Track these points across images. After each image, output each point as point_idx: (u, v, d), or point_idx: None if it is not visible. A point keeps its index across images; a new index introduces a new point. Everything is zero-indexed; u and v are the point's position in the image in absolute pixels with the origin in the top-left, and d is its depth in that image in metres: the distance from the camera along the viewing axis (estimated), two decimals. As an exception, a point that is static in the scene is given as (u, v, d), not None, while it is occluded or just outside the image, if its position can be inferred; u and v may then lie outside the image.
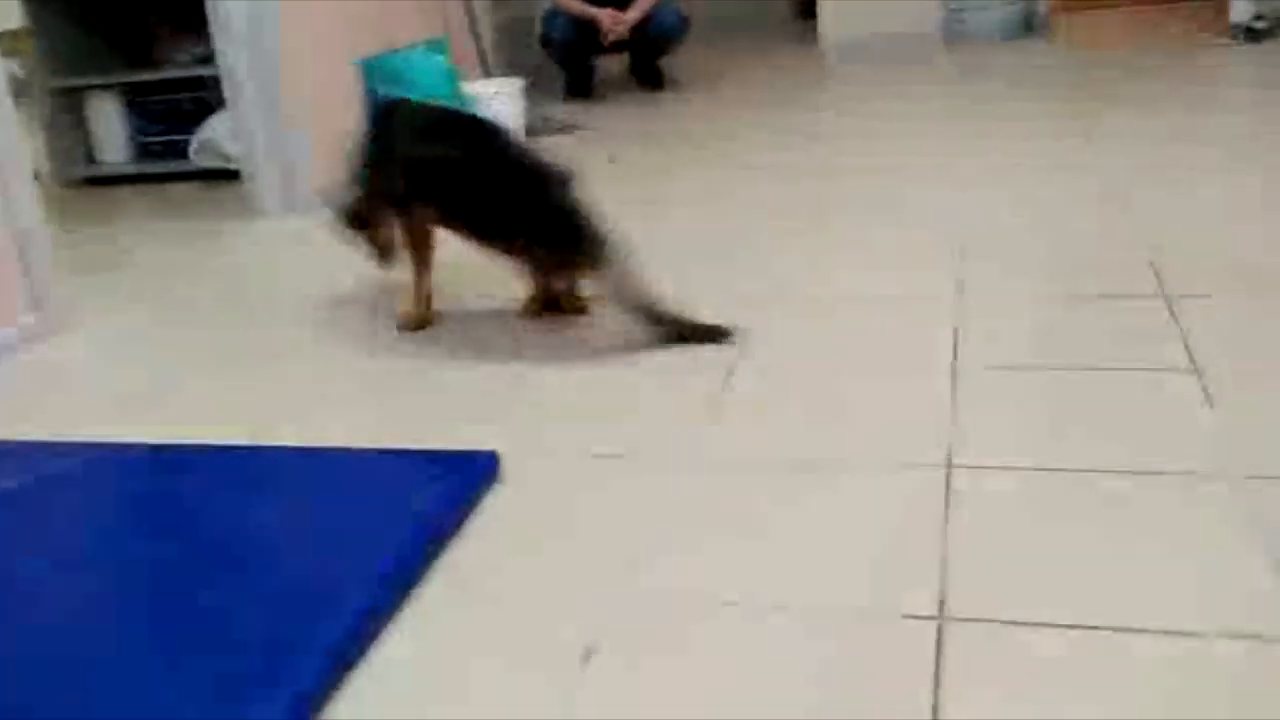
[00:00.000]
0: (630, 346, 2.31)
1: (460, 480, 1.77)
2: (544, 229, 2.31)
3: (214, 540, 1.69)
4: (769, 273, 2.70)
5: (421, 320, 2.55)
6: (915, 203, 3.15)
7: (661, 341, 2.27)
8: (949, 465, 1.71)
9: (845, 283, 2.58)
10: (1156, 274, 2.41)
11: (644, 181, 3.81)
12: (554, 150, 2.57)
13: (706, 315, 2.41)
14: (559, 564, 1.58)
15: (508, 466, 1.83)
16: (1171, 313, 2.20)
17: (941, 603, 1.39)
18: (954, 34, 6.05)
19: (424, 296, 2.56)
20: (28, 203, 2.72)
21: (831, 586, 1.46)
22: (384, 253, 2.59)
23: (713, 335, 2.27)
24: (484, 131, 2.52)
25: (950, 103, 4.55)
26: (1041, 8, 6.00)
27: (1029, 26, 5.97)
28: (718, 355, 2.21)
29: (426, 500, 1.72)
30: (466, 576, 1.57)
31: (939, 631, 1.34)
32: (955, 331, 2.21)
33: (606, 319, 2.41)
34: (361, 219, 2.57)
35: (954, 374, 2.03)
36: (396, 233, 2.55)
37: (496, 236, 2.37)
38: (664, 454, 1.86)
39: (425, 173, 2.43)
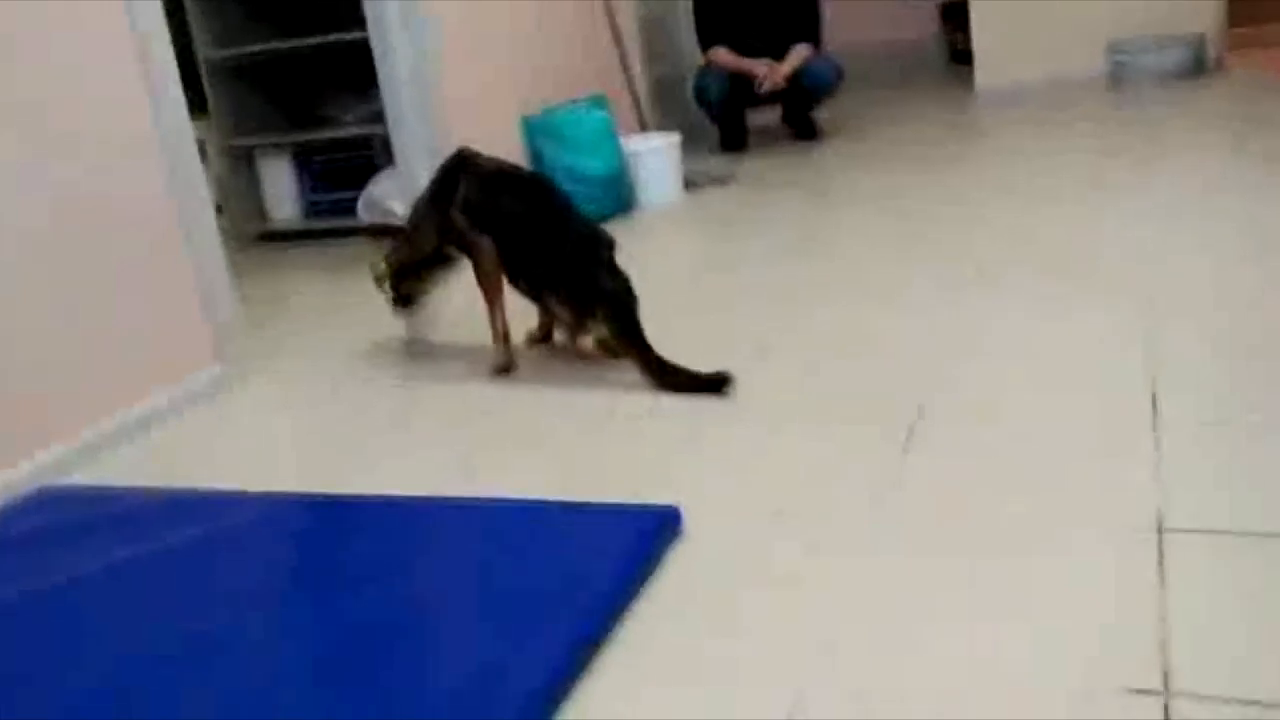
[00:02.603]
0: (793, 403, 2.27)
1: (643, 536, 1.74)
2: (579, 284, 2.53)
3: (389, 597, 1.69)
4: (943, 326, 2.62)
5: (505, 364, 2.69)
6: (1090, 255, 3.03)
7: (664, 390, 2.40)
8: (1160, 530, 1.61)
9: (1028, 339, 2.49)
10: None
11: (802, 234, 3.77)
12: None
13: (883, 375, 2.36)
14: (748, 630, 1.53)
15: (686, 522, 1.80)
16: (1392, 366, 2.06)
17: (1165, 674, 1.30)
18: (1118, 78, 5.88)
19: (502, 336, 2.70)
20: (215, 260, 2.83)
21: (1047, 661, 1.38)
22: (404, 300, 2.87)
23: (713, 385, 2.35)
24: (544, 189, 2.72)
25: (1117, 148, 4.40)
26: (1212, 49, 5.79)
27: (1198, 68, 5.76)
28: (898, 412, 2.15)
29: (610, 557, 1.69)
30: (653, 640, 1.53)
31: (1165, 710, 1.26)
32: (1153, 389, 2.10)
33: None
34: (401, 271, 2.82)
35: (1156, 433, 1.92)
36: (437, 284, 2.86)
37: (538, 283, 2.61)
38: (850, 513, 1.80)
39: (486, 215, 2.64)
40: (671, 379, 2.41)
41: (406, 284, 2.84)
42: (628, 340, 2.46)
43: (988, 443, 1.98)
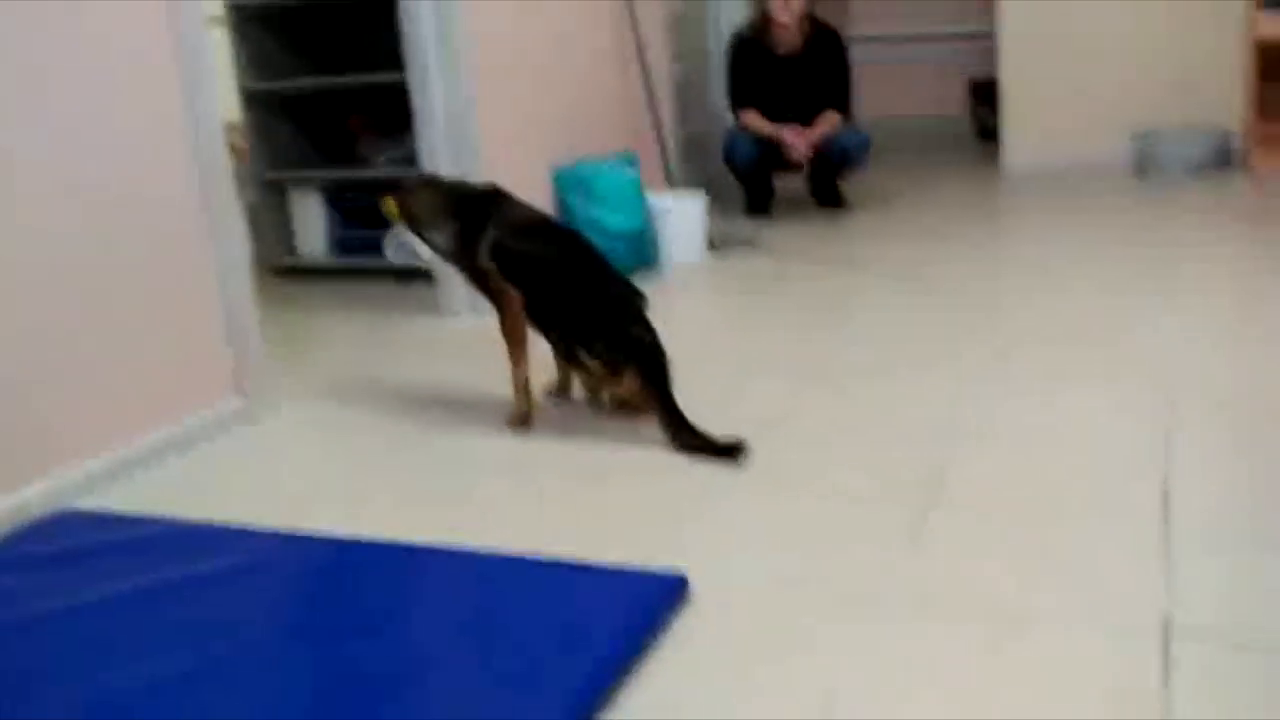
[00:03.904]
0: (807, 474, 2.29)
1: (649, 601, 1.76)
2: (612, 338, 2.55)
3: (391, 647, 1.70)
4: (959, 406, 2.64)
5: (524, 416, 2.69)
6: (1110, 343, 3.05)
7: (681, 450, 2.43)
8: (1166, 633, 1.62)
9: (1043, 424, 2.50)
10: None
11: (822, 302, 3.80)
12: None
13: (898, 451, 2.37)
14: (752, 703, 1.54)
15: (694, 588, 1.81)
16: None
17: (1165, 783, 1.31)
18: (1143, 167, 5.92)
19: (522, 388, 2.69)
20: (243, 292, 2.87)
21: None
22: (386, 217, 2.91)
23: (729, 451, 2.37)
24: (577, 241, 2.73)
25: (1141, 237, 4.43)
26: (1236, 141, 5.83)
27: (1224, 160, 5.80)
28: (910, 490, 2.16)
29: (616, 620, 1.70)
30: (659, 705, 1.54)
31: (1163, 815, 1.26)
32: (1164, 482, 2.11)
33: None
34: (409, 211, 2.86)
35: (1166, 528, 1.93)
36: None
37: (569, 335, 2.63)
38: (860, 588, 1.82)
39: (518, 264, 2.63)
40: (689, 440, 2.43)
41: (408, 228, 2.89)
42: (656, 395, 2.48)
43: (997, 529, 2.00)
